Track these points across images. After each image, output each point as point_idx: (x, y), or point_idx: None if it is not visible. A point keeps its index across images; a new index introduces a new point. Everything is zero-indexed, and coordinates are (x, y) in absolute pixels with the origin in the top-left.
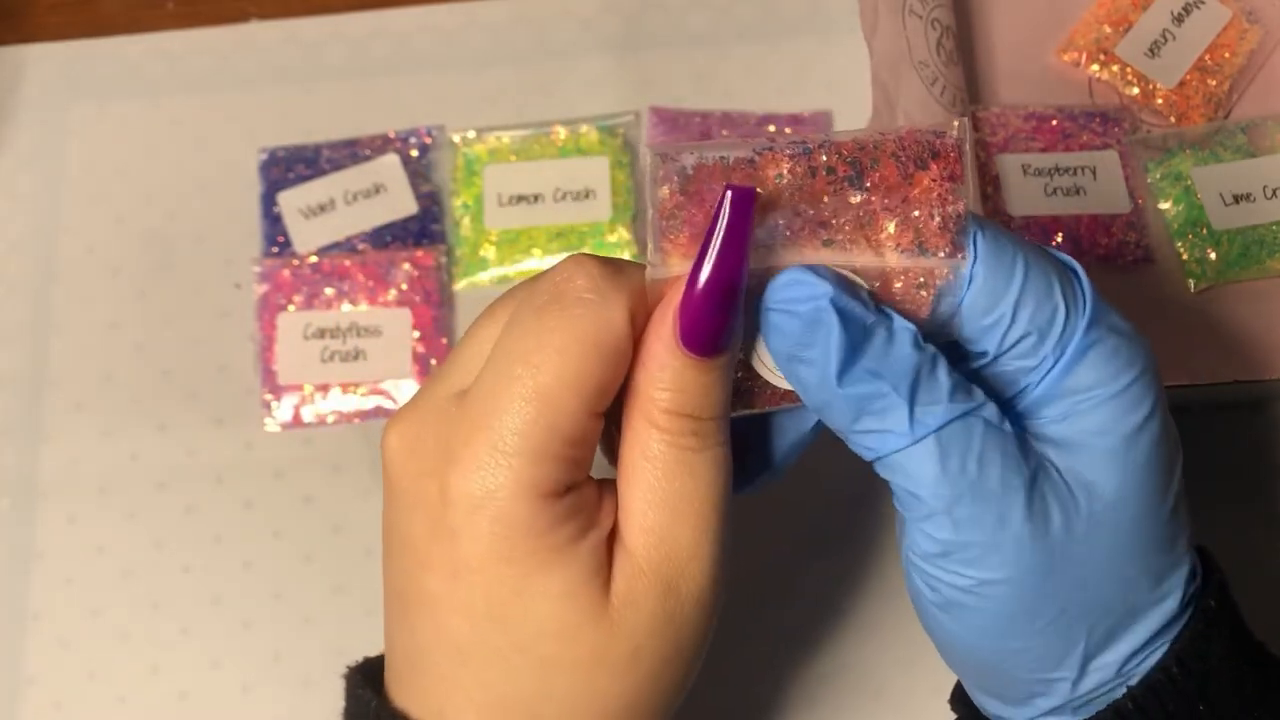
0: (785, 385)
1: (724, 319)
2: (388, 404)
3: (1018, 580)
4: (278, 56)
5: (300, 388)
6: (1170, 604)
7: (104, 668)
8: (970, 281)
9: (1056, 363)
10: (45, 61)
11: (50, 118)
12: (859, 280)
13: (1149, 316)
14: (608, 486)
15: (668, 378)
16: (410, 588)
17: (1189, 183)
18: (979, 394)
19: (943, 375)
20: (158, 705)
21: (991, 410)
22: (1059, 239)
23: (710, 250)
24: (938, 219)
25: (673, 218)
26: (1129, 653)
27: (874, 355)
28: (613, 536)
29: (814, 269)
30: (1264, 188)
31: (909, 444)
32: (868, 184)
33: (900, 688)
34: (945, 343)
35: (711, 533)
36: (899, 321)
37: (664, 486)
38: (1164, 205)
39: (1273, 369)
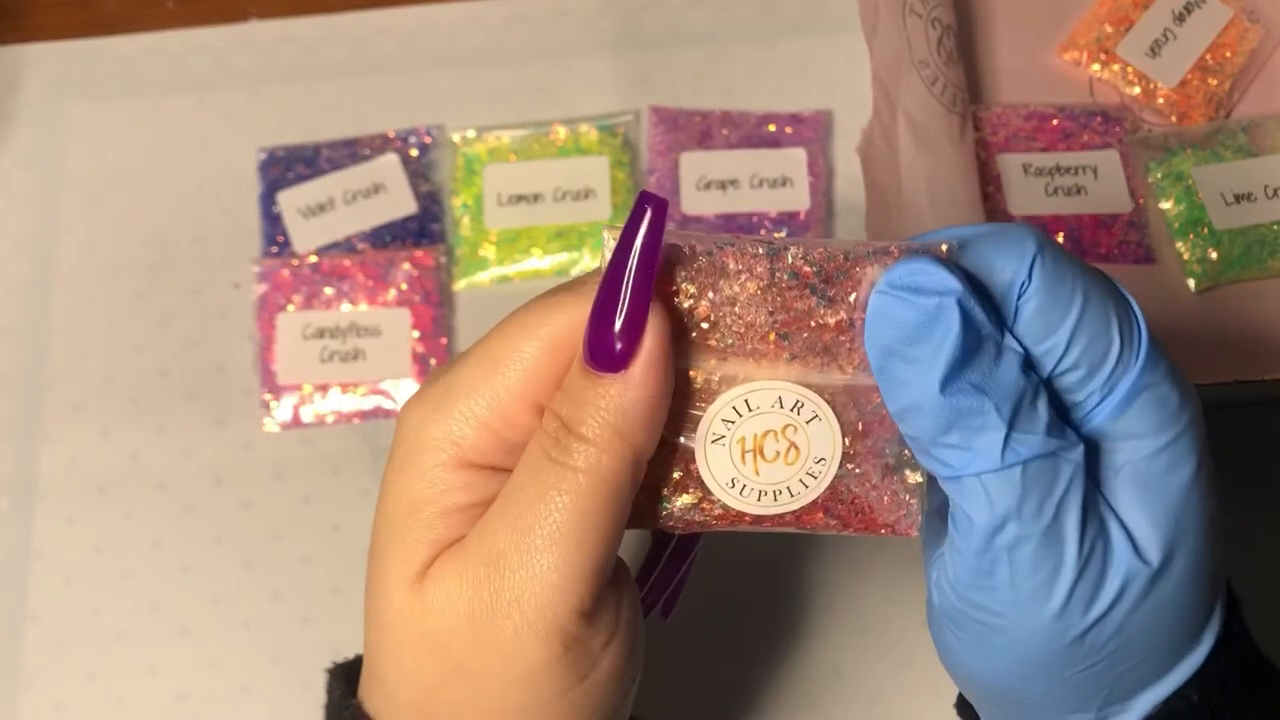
0: (731, 504)
1: (626, 335)
2: (387, 404)
3: (1053, 632)
4: (277, 56)
5: (299, 388)
6: (1199, 654)
7: (103, 668)
8: (1025, 303)
9: (1102, 401)
10: (45, 61)
11: (50, 117)
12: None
13: (1150, 316)
14: None
15: (565, 381)
16: None
17: (1190, 182)
18: (1073, 435)
19: (1043, 408)
20: (157, 705)
21: (1081, 454)
22: (1060, 239)
23: (628, 267)
24: None
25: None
26: (1154, 703)
27: (981, 369)
28: None
29: (940, 260)
30: (1265, 187)
31: (995, 469)
32: (831, 294)
33: (898, 689)
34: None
35: (540, 554)
36: (1010, 340)
37: (512, 481)
38: (1165, 205)
39: (1273, 369)
